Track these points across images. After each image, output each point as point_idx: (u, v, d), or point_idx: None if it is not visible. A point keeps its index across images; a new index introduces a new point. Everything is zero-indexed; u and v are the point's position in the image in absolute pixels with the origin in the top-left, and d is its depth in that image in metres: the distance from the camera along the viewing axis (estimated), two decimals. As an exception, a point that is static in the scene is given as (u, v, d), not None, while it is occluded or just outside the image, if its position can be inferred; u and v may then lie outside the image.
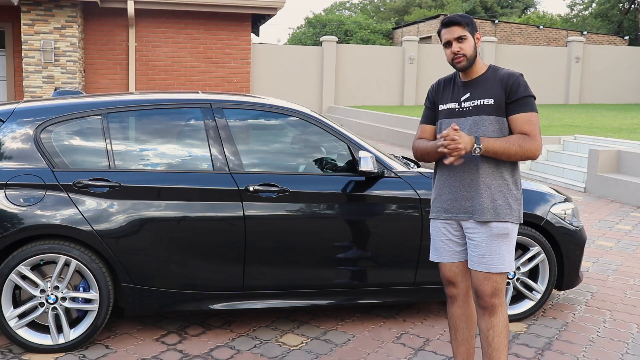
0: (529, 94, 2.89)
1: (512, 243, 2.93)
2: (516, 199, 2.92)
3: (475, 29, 2.94)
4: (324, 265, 3.87)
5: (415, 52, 21.94)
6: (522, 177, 4.53)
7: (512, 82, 2.88)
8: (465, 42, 2.89)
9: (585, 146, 10.63)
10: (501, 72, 2.95)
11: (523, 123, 2.86)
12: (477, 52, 2.93)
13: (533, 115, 2.88)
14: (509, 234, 2.90)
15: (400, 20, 40.78)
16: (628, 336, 4.03)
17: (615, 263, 5.71)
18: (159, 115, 3.87)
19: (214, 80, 16.39)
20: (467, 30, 2.90)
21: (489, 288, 2.89)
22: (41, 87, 14.31)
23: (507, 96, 2.88)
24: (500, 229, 2.87)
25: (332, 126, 4.02)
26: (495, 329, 2.92)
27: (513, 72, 2.93)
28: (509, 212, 2.88)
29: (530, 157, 2.86)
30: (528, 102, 2.88)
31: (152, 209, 3.64)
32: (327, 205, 3.82)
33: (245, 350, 3.70)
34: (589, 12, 41.11)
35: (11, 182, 3.54)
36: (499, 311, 2.91)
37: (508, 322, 2.97)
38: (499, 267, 2.88)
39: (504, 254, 2.89)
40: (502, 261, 2.89)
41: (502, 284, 2.92)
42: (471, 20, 2.93)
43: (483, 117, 2.89)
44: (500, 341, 2.92)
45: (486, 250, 2.88)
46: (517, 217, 2.92)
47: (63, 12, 14.25)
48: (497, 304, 2.91)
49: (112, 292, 3.63)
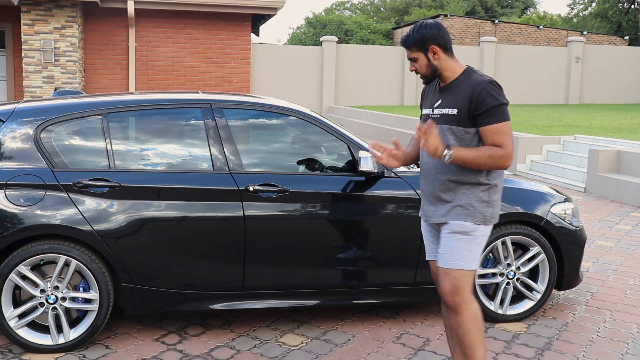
0: (499, 103, 2.85)
1: (476, 242, 2.93)
2: (482, 201, 2.93)
3: (426, 46, 2.91)
4: (324, 265, 3.87)
5: (415, 52, 21.91)
6: (522, 178, 4.53)
7: (477, 93, 2.85)
8: (417, 62, 2.97)
9: (585, 146, 10.63)
10: (472, 79, 2.91)
11: (494, 134, 2.86)
12: (435, 65, 2.94)
13: (504, 125, 2.85)
14: (469, 233, 2.91)
15: (400, 20, 40.77)
16: (628, 336, 4.03)
17: (615, 263, 5.71)
18: (159, 115, 3.87)
19: (214, 80, 16.39)
20: (416, 50, 2.94)
21: (448, 285, 2.92)
22: (41, 87, 14.31)
23: (474, 107, 2.86)
24: (458, 227, 2.91)
25: (332, 126, 4.02)
26: (462, 327, 2.93)
27: (482, 80, 2.88)
28: (471, 212, 2.91)
29: (500, 167, 2.88)
30: (497, 112, 2.85)
31: (152, 209, 3.64)
32: (327, 205, 3.82)
33: (245, 350, 3.70)
34: (588, 12, 41.10)
35: (11, 182, 3.54)
36: (463, 309, 2.91)
37: (478, 317, 2.94)
38: (455, 263, 2.90)
39: (462, 251, 2.90)
40: (460, 258, 2.90)
41: (464, 282, 2.91)
42: (420, 39, 2.91)
43: (444, 126, 2.94)
44: (470, 338, 2.92)
45: (445, 246, 2.94)
46: (480, 219, 2.92)
47: (63, 12, 14.25)
48: (459, 302, 2.91)
49: (112, 292, 3.63)
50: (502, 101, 2.86)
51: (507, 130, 2.87)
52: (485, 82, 2.87)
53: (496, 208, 2.97)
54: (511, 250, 4.15)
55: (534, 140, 11.28)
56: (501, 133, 2.85)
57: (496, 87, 2.87)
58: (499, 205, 3.00)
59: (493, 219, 2.97)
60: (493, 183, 2.96)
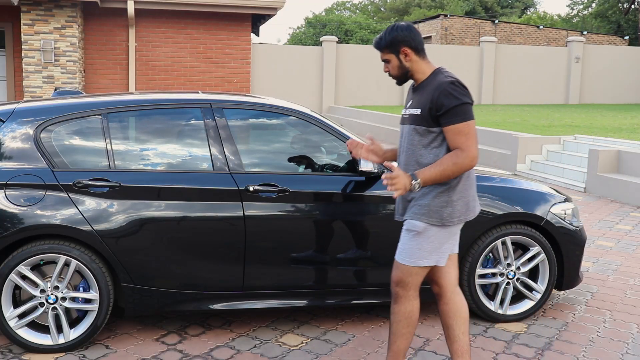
0: (460, 102, 2.89)
1: (428, 242, 2.99)
2: (440, 202, 2.97)
3: (398, 48, 2.99)
4: (324, 265, 3.87)
5: (415, 52, 21.91)
6: (522, 178, 4.53)
7: (438, 93, 2.90)
8: (390, 63, 3.06)
9: (585, 146, 10.63)
10: (436, 80, 2.97)
11: (455, 135, 2.91)
12: (407, 67, 3.03)
13: (465, 125, 2.89)
14: (420, 232, 2.99)
15: (400, 21, 40.77)
16: (628, 336, 4.03)
17: (615, 263, 5.71)
18: (159, 115, 3.87)
19: (214, 80, 16.39)
20: (388, 52, 3.03)
21: (395, 275, 3.06)
22: (41, 87, 14.31)
23: (436, 108, 2.92)
24: (410, 225, 3.01)
25: (332, 126, 4.02)
26: (395, 315, 3.08)
27: (444, 80, 2.93)
28: (425, 212, 2.97)
29: (466, 169, 2.93)
30: (458, 112, 2.89)
31: (152, 209, 3.64)
32: (327, 205, 3.82)
33: (245, 350, 3.70)
34: (588, 12, 41.11)
35: (11, 182, 3.54)
36: (402, 302, 3.05)
37: (413, 314, 3.07)
38: (402, 258, 3.03)
39: (411, 248, 3.00)
40: (408, 254, 3.01)
41: (410, 279, 3.02)
42: (391, 41, 2.99)
43: (410, 126, 3.04)
44: (398, 328, 3.08)
45: (400, 241, 3.08)
46: (436, 220, 2.97)
47: (63, 12, 14.25)
48: (400, 294, 3.05)
49: (112, 292, 3.63)
50: (463, 100, 2.90)
51: (469, 130, 2.91)
52: (446, 82, 2.91)
53: (456, 208, 2.99)
54: (511, 250, 4.15)
55: (534, 140, 11.28)
56: (462, 133, 2.90)
57: (458, 87, 2.91)
58: (460, 204, 3.01)
59: (453, 219, 2.99)
60: (452, 183, 2.99)
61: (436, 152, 2.99)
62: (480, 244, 4.07)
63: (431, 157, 2.99)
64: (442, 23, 29.49)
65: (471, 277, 4.08)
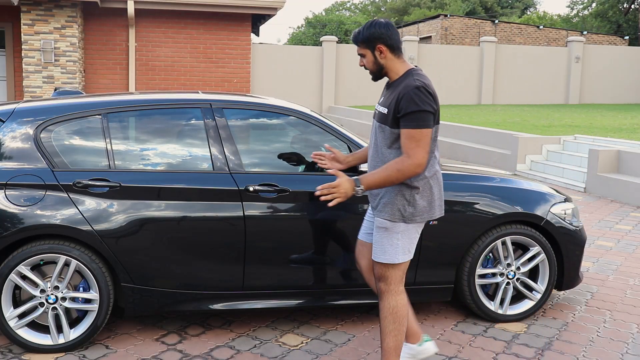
0: (418, 109, 2.92)
1: (398, 238, 3.07)
2: (404, 199, 3.04)
3: (374, 44, 3.05)
4: (324, 266, 3.87)
5: (415, 52, 21.94)
6: (522, 178, 4.53)
7: (401, 96, 2.96)
8: (365, 58, 3.12)
9: (585, 146, 10.63)
10: (405, 81, 3.01)
11: (405, 139, 2.96)
12: (381, 64, 3.09)
13: (417, 132, 2.93)
14: (389, 229, 3.07)
15: (400, 20, 40.78)
16: (628, 336, 4.03)
17: (615, 263, 5.71)
18: (159, 115, 3.87)
19: (214, 80, 16.39)
20: (364, 47, 3.08)
21: (377, 272, 3.16)
22: (41, 87, 14.32)
23: (397, 110, 2.98)
24: (380, 223, 3.10)
25: (332, 126, 4.02)
26: (381, 312, 3.15)
27: (411, 84, 2.97)
28: (391, 210, 3.05)
29: (411, 175, 2.97)
30: (413, 118, 2.93)
31: (152, 209, 3.64)
32: (327, 206, 3.82)
33: (245, 350, 3.70)
34: (588, 12, 41.11)
35: (11, 182, 3.54)
36: (385, 297, 3.13)
37: (398, 310, 3.12)
38: (379, 257, 3.11)
39: (384, 246, 3.09)
40: (383, 252, 3.10)
41: (388, 274, 3.11)
42: (368, 37, 3.04)
43: (377, 124, 3.13)
44: (384, 325, 3.14)
45: (374, 239, 3.16)
46: (399, 217, 3.05)
47: (63, 12, 14.26)
48: (383, 290, 3.13)
49: (112, 292, 3.63)
50: (421, 107, 2.93)
51: (420, 137, 2.94)
52: (412, 86, 2.95)
53: (417, 208, 3.05)
54: (511, 250, 4.15)
55: (534, 140, 11.28)
56: (412, 139, 2.94)
57: (422, 93, 2.94)
58: (423, 204, 3.07)
59: (415, 217, 3.06)
60: (415, 185, 3.04)
61: (397, 152, 3.05)
62: (480, 244, 4.07)
63: (392, 157, 3.05)
64: (442, 23, 29.50)
65: (471, 277, 4.08)
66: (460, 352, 3.74)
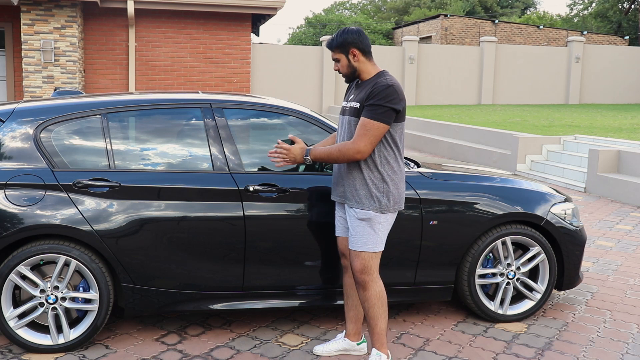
0: (382, 104, 3.14)
1: (378, 228, 3.29)
2: (380, 192, 3.26)
3: (347, 49, 3.28)
4: (324, 266, 3.87)
5: (415, 52, 21.94)
6: (522, 177, 4.53)
7: (372, 89, 3.19)
8: (339, 63, 3.34)
9: (585, 146, 10.63)
10: (377, 80, 3.23)
11: (359, 126, 3.20)
12: (355, 66, 3.31)
13: (370, 122, 3.15)
14: (371, 219, 3.27)
15: (400, 20, 40.78)
16: (628, 336, 4.03)
17: (615, 263, 5.71)
18: (159, 115, 3.87)
19: (214, 80, 16.39)
20: (339, 52, 3.32)
21: (358, 265, 3.31)
22: (41, 87, 14.32)
23: (367, 101, 3.20)
24: (361, 214, 3.28)
25: (332, 126, 4.01)
26: (369, 301, 3.33)
27: (382, 82, 3.19)
28: (369, 201, 3.26)
29: (352, 158, 3.20)
30: (374, 110, 3.15)
31: (152, 208, 3.64)
32: (328, 205, 3.82)
33: (245, 350, 3.70)
34: (588, 12, 41.11)
35: (11, 182, 3.54)
36: (370, 286, 3.32)
37: (382, 294, 3.34)
38: (361, 246, 3.29)
39: (366, 236, 3.29)
40: (365, 241, 3.29)
41: (371, 262, 3.31)
42: (342, 42, 3.28)
43: (350, 118, 3.32)
44: (374, 311, 3.34)
45: (352, 231, 3.33)
46: (377, 207, 3.26)
47: (63, 12, 14.25)
48: (367, 280, 3.31)
49: (112, 292, 3.63)
50: (386, 104, 3.14)
51: (371, 127, 3.15)
52: (384, 84, 3.18)
53: (391, 198, 3.27)
54: (511, 250, 4.15)
55: (534, 140, 11.28)
56: (363, 128, 3.17)
57: (391, 92, 3.16)
58: (395, 194, 3.28)
59: (389, 207, 3.27)
60: (386, 177, 3.26)
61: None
62: (481, 244, 4.07)
63: None
64: (442, 23, 29.50)
65: (471, 277, 4.08)
66: (460, 352, 3.74)
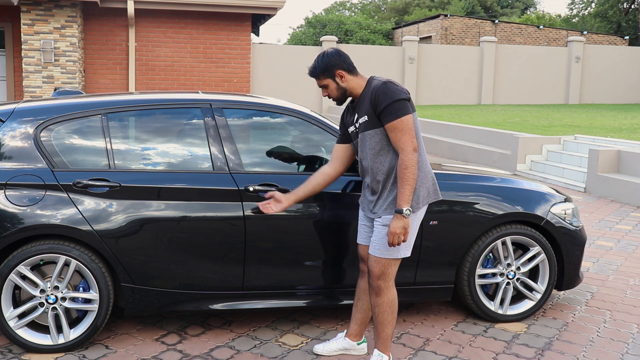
0: (392, 100, 3.10)
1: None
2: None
3: (332, 72, 3.25)
4: (325, 266, 3.87)
5: (415, 52, 21.94)
6: (522, 177, 4.54)
7: (374, 95, 3.15)
8: (328, 88, 3.32)
9: (585, 146, 10.63)
10: (372, 86, 3.20)
11: (392, 133, 3.14)
12: (344, 87, 3.28)
13: (399, 122, 3.11)
14: None
15: (400, 20, 40.76)
16: (628, 336, 4.03)
17: (615, 263, 5.71)
18: (159, 115, 3.87)
19: (214, 80, 16.39)
20: (324, 77, 3.29)
21: (377, 270, 3.28)
22: (41, 87, 14.31)
23: (374, 108, 3.17)
24: (386, 220, 3.23)
25: (332, 126, 4.01)
26: (380, 307, 3.32)
27: (378, 83, 3.17)
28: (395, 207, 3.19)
29: (413, 164, 3.10)
30: (391, 110, 3.11)
31: (152, 208, 3.64)
32: (328, 205, 3.82)
33: (245, 350, 3.70)
34: (588, 12, 41.11)
35: (11, 182, 3.54)
36: (384, 293, 3.30)
37: (395, 302, 3.33)
38: (381, 253, 3.25)
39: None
40: (386, 248, 3.24)
41: (390, 270, 3.28)
42: (325, 67, 3.24)
43: (365, 133, 3.26)
44: (384, 317, 3.33)
45: (376, 237, 3.29)
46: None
47: (63, 12, 14.25)
48: (382, 287, 3.29)
49: (112, 292, 3.63)
50: (395, 98, 3.11)
51: (403, 126, 3.12)
52: (379, 84, 3.16)
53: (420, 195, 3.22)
54: (511, 250, 4.15)
55: (534, 140, 11.28)
56: (397, 130, 3.12)
57: (390, 86, 3.14)
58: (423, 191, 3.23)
59: (419, 204, 3.22)
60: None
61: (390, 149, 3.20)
62: (481, 244, 4.07)
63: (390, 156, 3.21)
64: (442, 23, 29.49)
65: (471, 277, 4.08)
66: (460, 352, 3.74)
